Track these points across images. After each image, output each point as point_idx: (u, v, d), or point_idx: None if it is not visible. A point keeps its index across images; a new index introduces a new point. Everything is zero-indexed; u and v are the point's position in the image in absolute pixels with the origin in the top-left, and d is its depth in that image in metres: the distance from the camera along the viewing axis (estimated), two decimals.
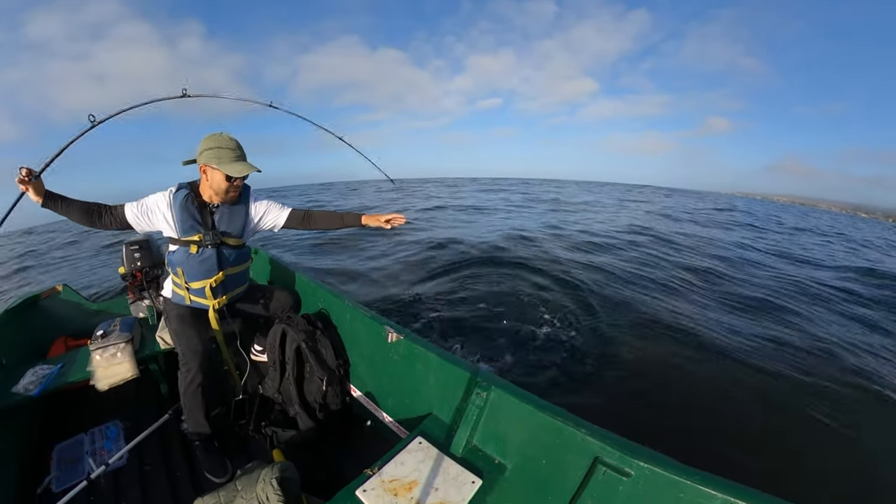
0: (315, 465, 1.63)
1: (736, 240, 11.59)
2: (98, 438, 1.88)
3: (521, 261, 6.51)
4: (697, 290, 5.79)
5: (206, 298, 1.76)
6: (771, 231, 15.90)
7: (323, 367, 1.89)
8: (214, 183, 1.61)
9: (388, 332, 1.77)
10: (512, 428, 1.36)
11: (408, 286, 5.42)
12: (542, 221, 11.81)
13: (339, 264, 6.70)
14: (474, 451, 1.41)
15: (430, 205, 17.06)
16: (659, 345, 3.87)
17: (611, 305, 4.81)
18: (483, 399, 1.43)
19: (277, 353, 1.96)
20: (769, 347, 3.98)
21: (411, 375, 1.71)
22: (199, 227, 1.65)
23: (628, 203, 22.64)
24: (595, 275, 6.02)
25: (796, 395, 3.20)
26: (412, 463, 1.37)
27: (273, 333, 1.99)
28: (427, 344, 1.70)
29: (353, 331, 2.04)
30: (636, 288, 5.60)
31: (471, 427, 1.43)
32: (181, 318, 1.76)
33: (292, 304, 2.09)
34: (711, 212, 21.16)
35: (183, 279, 1.72)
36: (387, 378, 1.84)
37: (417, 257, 6.93)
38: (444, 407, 1.56)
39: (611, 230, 10.86)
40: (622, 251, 8.19)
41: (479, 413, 1.42)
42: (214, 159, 1.54)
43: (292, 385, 1.87)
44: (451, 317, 4.28)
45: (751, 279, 6.78)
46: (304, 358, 1.91)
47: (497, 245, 7.66)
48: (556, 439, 1.23)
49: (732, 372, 3.48)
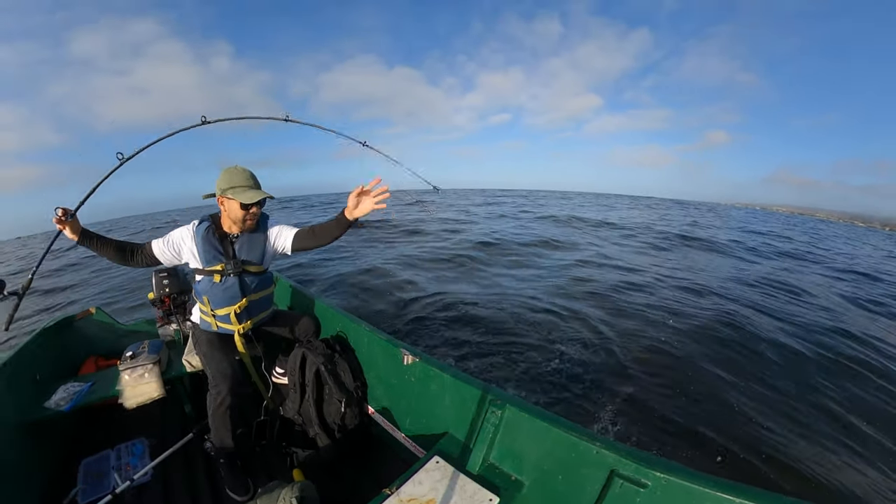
0: (334, 484, 1.65)
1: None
2: (124, 455, 1.94)
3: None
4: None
5: (232, 324, 1.85)
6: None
7: (341, 390, 1.94)
8: (232, 213, 1.69)
9: (403, 354, 1.83)
10: (528, 444, 1.38)
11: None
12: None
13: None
14: (491, 469, 1.42)
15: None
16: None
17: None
18: (498, 417, 1.46)
19: (297, 375, 2.02)
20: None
21: (427, 396, 1.75)
22: (221, 257, 1.76)
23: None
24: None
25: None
26: (430, 482, 1.39)
27: (293, 357, 2.06)
28: (442, 365, 1.75)
29: (370, 354, 2.10)
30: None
31: (487, 445, 1.45)
32: (210, 343, 1.85)
33: (313, 328, 2.17)
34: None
35: (209, 307, 1.82)
36: (403, 399, 1.88)
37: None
38: (460, 426, 1.58)
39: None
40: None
41: (495, 431, 1.45)
42: (230, 191, 1.64)
43: (312, 406, 1.92)
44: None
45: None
46: (323, 380, 1.97)
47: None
48: (572, 454, 1.25)
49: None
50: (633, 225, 17.23)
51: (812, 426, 3.06)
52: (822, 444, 2.87)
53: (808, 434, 2.96)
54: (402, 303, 5.40)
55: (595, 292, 6.17)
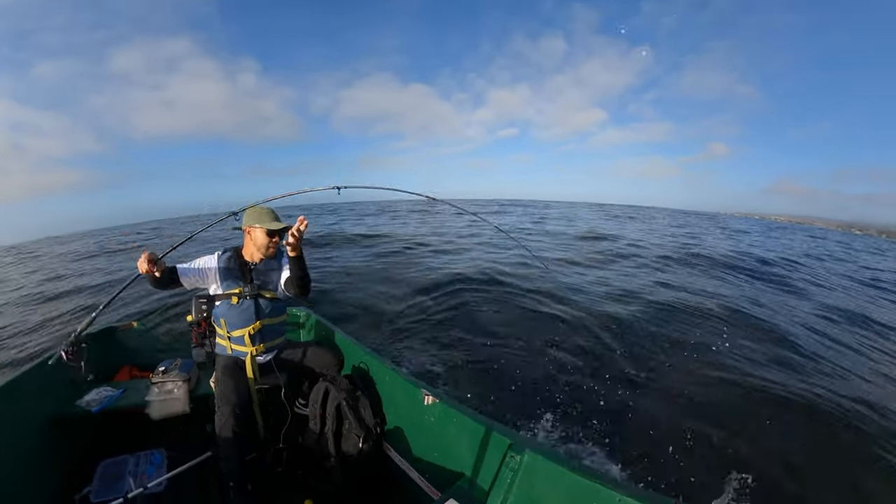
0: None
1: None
2: (142, 462, 1.99)
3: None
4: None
5: (245, 346, 1.99)
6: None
7: (361, 425, 1.97)
8: (257, 240, 1.94)
9: (424, 395, 1.88)
10: (547, 491, 1.36)
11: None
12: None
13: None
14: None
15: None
16: None
17: None
18: (517, 462, 1.45)
19: (319, 407, 2.07)
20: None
21: (445, 437, 1.75)
22: (239, 282, 1.98)
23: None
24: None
25: None
26: None
27: (317, 390, 2.12)
28: (462, 408, 1.78)
29: (391, 392, 2.14)
30: None
31: (504, 490, 1.43)
32: (224, 368, 1.96)
33: (336, 362, 2.26)
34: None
35: (225, 329, 1.98)
36: (422, 439, 1.89)
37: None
38: (478, 469, 1.58)
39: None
40: None
41: (513, 476, 1.44)
42: (256, 221, 1.92)
43: (330, 439, 1.95)
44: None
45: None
46: (343, 415, 2.01)
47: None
48: (594, 502, 1.22)
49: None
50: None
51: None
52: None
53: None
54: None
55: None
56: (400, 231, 16.10)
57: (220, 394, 1.85)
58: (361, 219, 22.22)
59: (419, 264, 9.17)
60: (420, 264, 9.16)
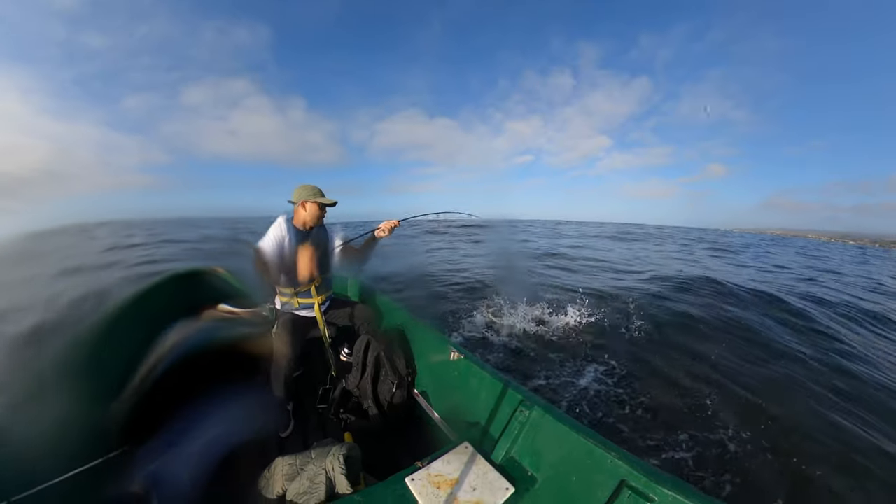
0: (376, 450, 1.88)
1: None
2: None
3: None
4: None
5: (312, 297, 2.27)
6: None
7: (395, 373, 2.20)
8: (311, 212, 2.23)
9: (451, 351, 2.04)
10: (548, 445, 1.47)
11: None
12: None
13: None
14: (512, 462, 1.53)
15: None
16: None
17: None
18: (525, 416, 1.57)
19: (361, 356, 2.33)
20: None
21: (466, 389, 1.91)
22: (303, 244, 2.21)
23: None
24: None
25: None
26: (456, 463, 1.55)
27: (360, 341, 2.37)
28: (483, 364, 1.91)
29: (423, 347, 2.34)
30: None
31: (511, 440, 1.57)
32: (284, 325, 2.24)
33: (376, 318, 2.51)
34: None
35: (292, 286, 2.23)
36: (446, 389, 2.07)
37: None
38: (491, 419, 1.72)
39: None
40: None
41: (521, 428, 1.56)
42: (311, 196, 2.22)
43: (369, 384, 2.21)
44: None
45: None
46: (381, 364, 2.25)
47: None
48: (588, 459, 1.32)
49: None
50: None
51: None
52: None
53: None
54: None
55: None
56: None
57: (278, 346, 2.16)
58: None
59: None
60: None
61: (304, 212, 2.24)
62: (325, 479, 1.60)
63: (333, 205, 2.29)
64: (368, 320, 2.47)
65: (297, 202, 2.24)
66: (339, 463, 1.61)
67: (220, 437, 1.78)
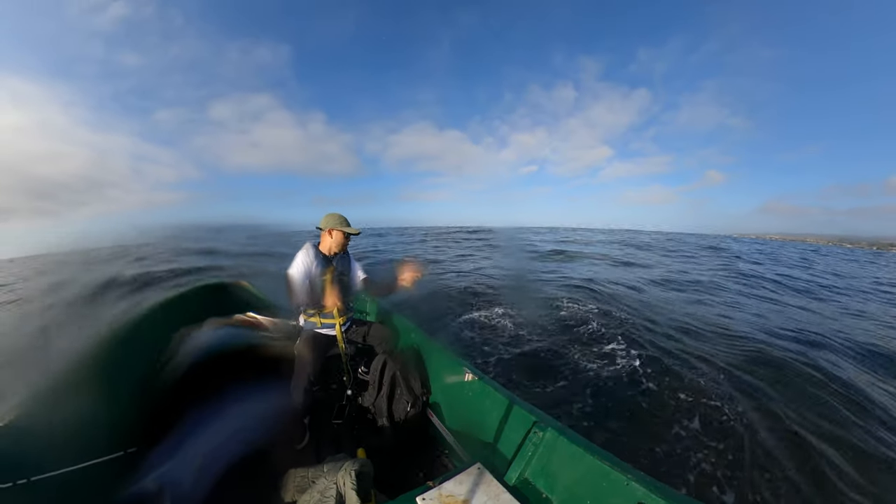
0: (388, 468, 1.86)
1: None
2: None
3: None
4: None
5: (334, 318, 2.32)
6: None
7: (410, 393, 2.21)
8: (336, 240, 2.37)
9: (465, 372, 2.03)
10: (562, 467, 1.42)
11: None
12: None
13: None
14: (525, 484, 1.49)
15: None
16: None
17: None
18: (539, 438, 1.53)
19: (378, 375, 2.35)
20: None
21: (481, 410, 1.89)
22: (326, 269, 2.35)
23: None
24: None
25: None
26: (468, 484, 1.52)
27: (377, 360, 2.40)
28: (497, 386, 1.90)
29: (438, 367, 2.34)
30: None
31: (525, 461, 1.53)
32: (306, 341, 2.32)
33: (393, 338, 2.54)
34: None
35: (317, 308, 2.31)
36: (460, 409, 2.05)
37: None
38: (505, 441, 1.68)
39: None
40: None
41: (535, 450, 1.53)
42: (338, 225, 2.35)
43: (384, 402, 2.21)
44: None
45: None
46: (396, 383, 2.26)
47: None
48: (603, 482, 1.27)
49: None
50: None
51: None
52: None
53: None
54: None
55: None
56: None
57: (300, 360, 2.24)
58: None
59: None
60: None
61: (331, 239, 2.37)
62: (335, 493, 1.60)
63: (357, 234, 2.42)
64: (385, 340, 2.51)
65: (324, 229, 2.37)
66: (351, 478, 1.60)
67: (234, 442, 1.81)
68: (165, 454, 1.68)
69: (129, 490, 1.50)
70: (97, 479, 1.55)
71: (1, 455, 1.30)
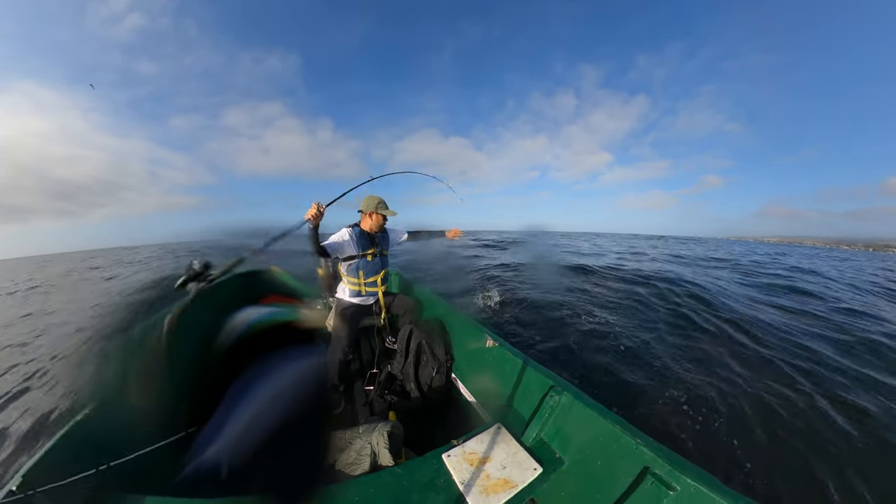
0: (417, 428, 2.03)
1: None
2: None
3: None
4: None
5: (377, 287, 2.53)
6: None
7: (435, 359, 2.34)
8: (376, 221, 2.48)
9: (487, 339, 2.12)
10: (576, 429, 1.51)
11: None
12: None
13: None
14: (541, 444, 1.60)
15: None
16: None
17: None
18: (556, 402, 1.62)
19: (405, 344, 2.49)
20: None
21: (501, 374, 1.99)
22: (370, 245, 2.49)
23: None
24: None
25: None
26: (489, 442, 1.64)
27: (404, 330, 2.53)
28: (516, 352, 1.98)
29: (461, 335, 2.44)
30: None
31: (542, 423, 1.63)
32: (342, 314, 2.49)
33: (417, 308, 2.65)
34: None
35: (363, 278, 2.48)
36: (482, 374, 2.17)
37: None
38: (523, 403, 1.79)
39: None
40: None
41: (551, 412, 1.62)
42: (378, 208, 2.44)
43: (412, 368, 2.37)
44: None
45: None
46: (422, 350, 2.40)
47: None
48: (613, 444, 1.35)
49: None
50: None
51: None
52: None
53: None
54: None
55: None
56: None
57: (336, 333, 2.41)
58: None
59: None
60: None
61: (371, 220, 2.47)
62: (370, 452, 1.78)
63: (394, 215, 2.54)
64: (410, 310, 2.63)
65: (365, 211, 2.47)
66: (384, 438, 1.77)
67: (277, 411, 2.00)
68: (216, 431, 1.88)
69: (188, 468, 1.70)
70: (163, 461, 1.71)
71: (85, 443, 1.46)
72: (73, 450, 1.43)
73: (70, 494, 1.29)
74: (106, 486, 1.41)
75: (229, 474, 1.71)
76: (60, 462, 1.35)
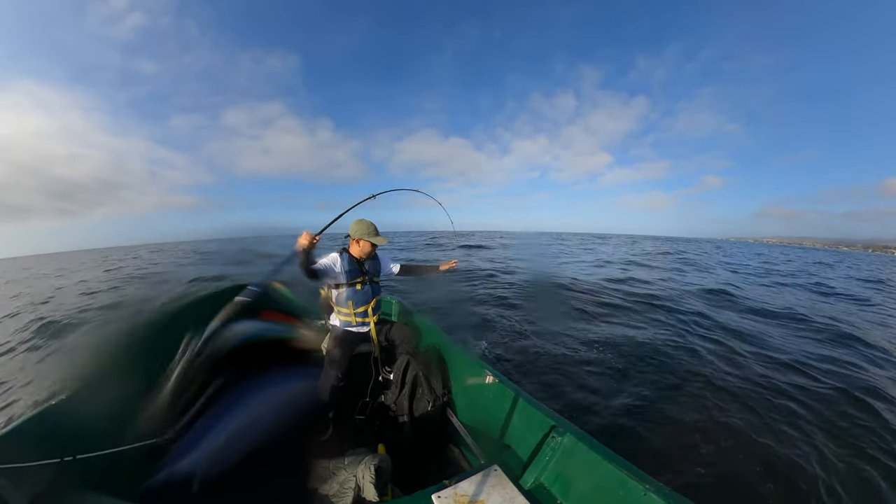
0: (407, 464, 1.89)
1: None
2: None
3: None
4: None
5: (369, 317, 2.48)
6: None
7: (431, 393, 2.24)
8: (364, 248, 2.44)
9: (486, 374, 2.04)
10: (579, 473, 1.40)
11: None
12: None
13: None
14: (541, 489, 1.48)
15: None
16: None
17: None
18: (557, 443, 1.51)
19: (401, 374, 2.39)
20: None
21: (499, 412, 1.88)
22: (359, 273, 2.46)
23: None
24: None
25: None
26: (484, 485, 1.52)
27: (401, 360, 2.45)
28: (517, 389, 1.89)
29: (459, 368, 2.36)
30: None
31: (542, 466, 1.52)
32: (337, 339, 2.44)
33: (416, 338, 2.59)
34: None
35: (352, 308, 2.43)
36: (480, 410, 2.05)
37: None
38: (523, 444, 1.67)
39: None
40: None
41: (552, 455, 1.51)
42: (367, 235, 2.39)
43: (406, 400, 2.26)
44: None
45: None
46: (419, 382, 2.30)
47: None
48: (620, 491, 1.24)
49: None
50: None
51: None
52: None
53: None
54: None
55: None
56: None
57: (329, 358, 2.34)
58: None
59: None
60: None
61: (359, 247, 2.44)
62: (354, 485, 1.65)
63: (385, 243, 2.46)
64: (407, 339, 2.56)
65: (353, 236, 2.43)
66: (370, 472, 1.65)
67: (260, 431, 1.89)
68: (195, 442, 1.79)
69: (159, 475, 1.60)
70: (134, 463, 1.65)
71: (51, 431, 1.41)
72: (40, 435, 1.38)
73: (28, 478, 1.21)
74: (68, 478, 1.31)
75: (201, 489, 1.59)
76: (22, 443, 1.29)
